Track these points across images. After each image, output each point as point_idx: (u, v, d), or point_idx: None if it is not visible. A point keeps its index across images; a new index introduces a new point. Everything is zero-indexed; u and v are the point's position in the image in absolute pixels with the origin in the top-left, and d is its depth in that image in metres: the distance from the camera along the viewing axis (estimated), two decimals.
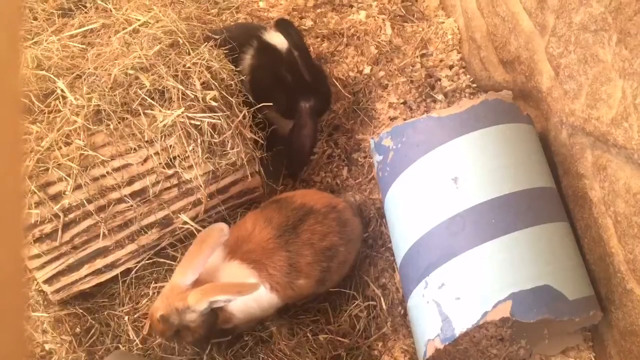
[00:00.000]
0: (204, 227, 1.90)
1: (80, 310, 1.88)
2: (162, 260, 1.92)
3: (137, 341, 1.84)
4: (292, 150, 2.10)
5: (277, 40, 2.09)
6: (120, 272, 1.88)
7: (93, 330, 1.86)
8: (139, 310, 1.90)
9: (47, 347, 1.84)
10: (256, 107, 1.86)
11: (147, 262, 1.89)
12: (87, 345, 1.84)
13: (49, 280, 1.78)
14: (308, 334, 1.83)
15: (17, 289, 0.55)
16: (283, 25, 2.03)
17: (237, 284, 1.64)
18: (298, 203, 1.78)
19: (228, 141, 1.76)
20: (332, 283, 1.85)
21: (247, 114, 1.80)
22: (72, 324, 1.87)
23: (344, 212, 1.83)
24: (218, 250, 1.69)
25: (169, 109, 1.68)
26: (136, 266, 1.88)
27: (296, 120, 2.05)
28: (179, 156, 1.73)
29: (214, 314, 1.66)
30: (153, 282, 1.92)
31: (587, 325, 1.77)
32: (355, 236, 1.87)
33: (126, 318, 1.87)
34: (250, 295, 1.64)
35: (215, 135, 1.72)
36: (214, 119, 1.71)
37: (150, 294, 1.91)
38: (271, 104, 1.94)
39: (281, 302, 1.75)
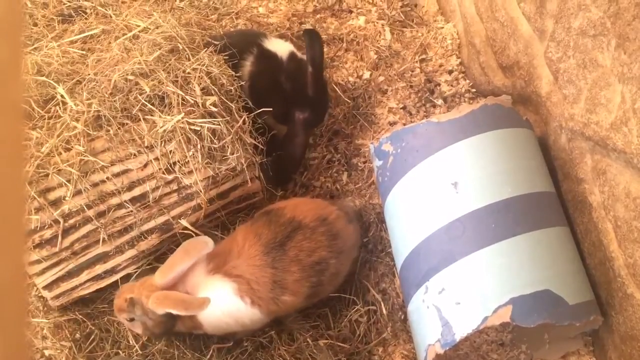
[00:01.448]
0: (204, 232, 1.90)
1: (80, 316, 1.88)
2: (161, 266, 1.91)
3: (137, 347, 1.83)
4: (281, 159, 2.10)
5: (278, 47, 2.09)
6: (120, 278, 1.87)
7: (93, 336, 1.86)
8: None
9: (47, 352, 1.84)
10: (256, 112, 1.86)
11: (147, 267, 1.89)
12: (86, 351, 1.84)
13: (48, 286, 1.78)
14: (308, 339, 1.83)
15: (18, 295, 0.55)
16: (310, 36, 2.00)
17: (186, 299, 1.65)
18: (287, 217, 1.76)
19: (228, 146, 1.76)
20: (326, 294, 1.84)
21: (246, 119, 1.81)
22: (72, 329, 1.87)
23: (335, 224, 1.81)
24: (203, 262, 1.71)
25: (168, 115, 1.68)
26: (136, 272, 1.88)
27: (289, 129, 2.05)
28: (178, 161, 1.73)
29: (172, 319, 1.69)
30: None
31: (587, 330, 1.77)
32: (349, 247, 1.84)
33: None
34: (224, 310, 1.68)
35: (215, 141, 1.73)
36: (213, 124, 1.71)
37: None
38: (269, 109, 1.94)
39: (266, 318, 1.75)
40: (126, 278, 1.88)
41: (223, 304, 1.68)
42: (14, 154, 0.53)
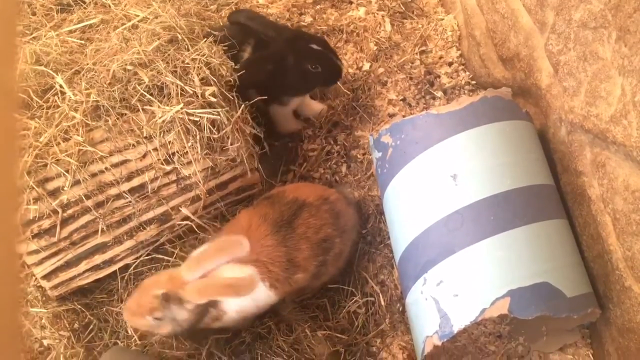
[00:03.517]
0: (203, 223, 1.90)
1: (79, 306, 1.88)
2: (160, 256, 1.92)
3: (136, 337, 1.84)
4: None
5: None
6: (118, 268, 1.88)
7: (91, 326, 1.87)
8: None
9: (45, 342, 1.84)
10: (255, 100, 1.86)
11: (145, 258, 1.89)
12: (85, 341, 1.84)
13: (47, 276, 1.78)
14: (306, 330, 1.83)
15: (13, 283, 0.55)
16: (236, 18, 2.07)
17: (232, 283, 1.62)
18: (290, 197, 1.77)
19: (227, 137, 1.76)
20: (328, 276, 1.84)
21: (245, 109, 1.80)
22: (71, 319, 1.87)
23: (337, 204, 1.83)
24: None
25: (167, 105, 1.68)
26: (135, 262, 1.88)
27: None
28: (177, 152, 1.73)
29: (204, 311, 1.65)
30: None
31: (585, 323, 1.77)
32: (350, 227, 1.87)
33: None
34: (250, 296, 1.64)
35: (214, 131, 1.72)
36: (213, 114, 1.70)
37: None
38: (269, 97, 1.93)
39: (278, 299, 1.74)
40: (124, 269, 1.89)
41: (241, 291, 1.66)
42: (8, 141, 0.53)
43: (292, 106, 2.20)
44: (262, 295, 1.69)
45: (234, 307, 1.68)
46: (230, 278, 1.62)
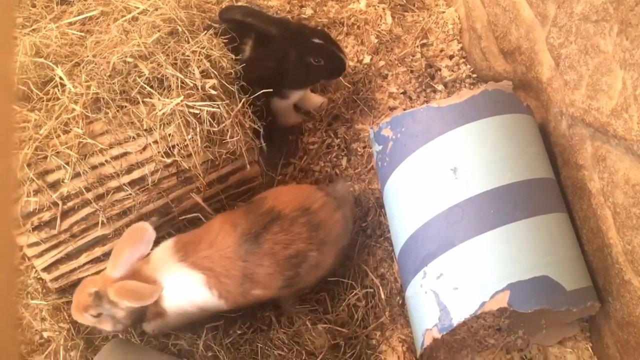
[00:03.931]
0: (203, 216, 1.90)
1: None
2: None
3: (133, 332, 1.84)
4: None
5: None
6: None
7: None
8: None
9: (45, 335, 1.85)
10: (255, 94, 1.85)
11: None
12: (85, 333, 1.85)
13: (47, 268, 1.79)
14: (307, 323, 1.84)
15: (11, 275, 0.55)
16: (231, 15, 2.02)
17: (137, 289, 1.63)
18: (266, 207, 1.71)
19: (227, 130, 1.75)
20: (305, 284, 1.81)
21: (245, 102, 1.80)
22: (70, 312, 1.87)
23: (319, 213, 1.73)
24: (170, 248, 1.71)
25: (168, 98, 1.68)
26: None
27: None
28: (177, 145, 1.73)
29: (143, 308, 1.68)
30: None
31: (584, 316, 1.78)
32: (333, 237, 1.77)
33: None
34: (191, 300, 1.68)
35: (215, 124, 1.72)
36: (213, 107, 1.70)
37: None
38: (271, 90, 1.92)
39: (232, 307, 1.75)
40: None
41: (190, 294, 1.68)
42: (6, 133, 0.53)
43: (293, 99, 2.20)
44: (207, 302, 1.70)
45: (173, 307, 1.70)
46: (133, 284, 1.64)
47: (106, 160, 1.68)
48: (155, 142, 1.70)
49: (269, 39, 2.01)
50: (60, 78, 1.69)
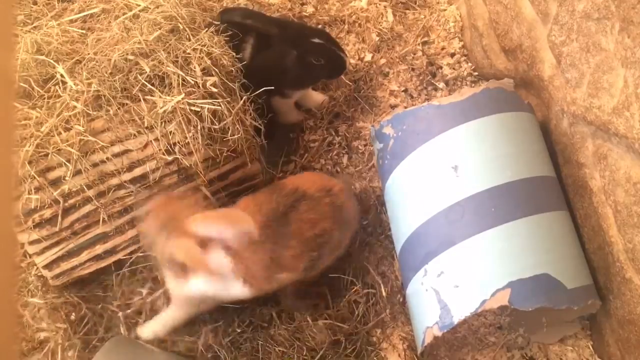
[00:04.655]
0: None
1: (76, 299, 1.88)
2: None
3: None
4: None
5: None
6: (113, 265, 1.88)
7: (86, 319, 1.87)
8: (132, 306, 1.90)
9: (42, 335, 1.85)
10: (256, 92, 1.85)
11: (141, 254, 1.89)
12: (82, 333, 1.85)
13: (49, 266, 1.79)
14: (308, 319, 1.84)
15: (10, 272, 0.55)
16: (230, 17, 2.01)
17: (230, 215, 1.58)
18: (289, 188, 1.71)
19: (228, 127, 1.75)
20: (324, 266, 1.80)
21: (247, 100, 1.80)
22: (68, 311, 1.88)
23: (339, 196, 1.77)
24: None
25: (169, 95, 1.67)
26: (130, 258, 1.87)
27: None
28: (179, 142, 1.73)
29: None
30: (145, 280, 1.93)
31: (585, 314, 1.78)
32: (351, 219, 1.83)
33: (120, 314, 1.88)
34: (217, 282, 1.60)
35: (216, 122, 1.72)
36: (214, 105, 1.70)
37: (144, 294, 1.91)
38: (272, 88, 1.92)
39: (253, 294, 1.68)
40: (119, 266, 1.89)
41: (217, 277, 1.61)
42: (6, 130, 0.53)
43: (294, 98, 2.20)
44: (233, 289, 1.64)
45: (197, 281, 1.61)
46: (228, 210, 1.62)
47: (107, 158, 1.68)
48: (157, 139, 1.70)
49: (269, 39, 2.01)
50: (62, 75, 1.68)
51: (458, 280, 1.56)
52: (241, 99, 1.78)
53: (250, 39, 2.03)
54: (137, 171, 1.73)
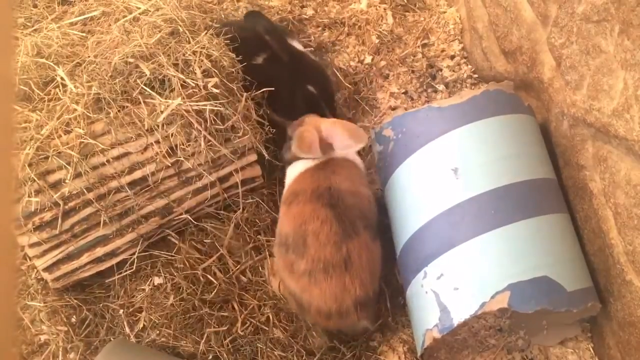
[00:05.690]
0: (204, 215, 1.90)
1: (76, 301, 1.88)
2: (157, 252, 1.91)
3: (132, 336, 1.84)
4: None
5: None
6: (116, 265, 1.88)
7: (87, 321, 1.86)
8: (134, 305, 1.89)
9: (42, 338, 1.85)
10: (257, 92, 1.85)
11: (143, 253, 1.89)
12: (82, 335, 1.84)
13: (49, 268, 1.79)
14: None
15: (10, 275, 0.55)
16: (253, 24, 2.01)
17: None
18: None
19: (229, 130, 1.75)
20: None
21: (248, 101, 1.79)
22: (68, 314, 1.87)
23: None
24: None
25: (169, 98, 1.68)
26: (131, 258, 1.87)
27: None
28: (179, 145, 1.73)
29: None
30: (149, 277, 1.92)
31: (585, 317, 1.77)
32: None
33: (121, 312, 1.87)
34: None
35: (216, 124, 1.72)
36: (215, 107, 1.70)
37: (146, 290, 1.90)
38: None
39: None
40: (121, 265, 1.89)
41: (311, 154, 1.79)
42: (6, 133, 0.53)
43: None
44: None
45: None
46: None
47: (107, 161, 1.68)
48: (157, 142, 1.70)
49: (278, 59, 2.01)
50: (62, 78, 1.69)
51: (458, 283, 1.56)
52: (242, 97, 1.78)
53: (263, 55, 2.03)
54: (138, 174, 1.74)
